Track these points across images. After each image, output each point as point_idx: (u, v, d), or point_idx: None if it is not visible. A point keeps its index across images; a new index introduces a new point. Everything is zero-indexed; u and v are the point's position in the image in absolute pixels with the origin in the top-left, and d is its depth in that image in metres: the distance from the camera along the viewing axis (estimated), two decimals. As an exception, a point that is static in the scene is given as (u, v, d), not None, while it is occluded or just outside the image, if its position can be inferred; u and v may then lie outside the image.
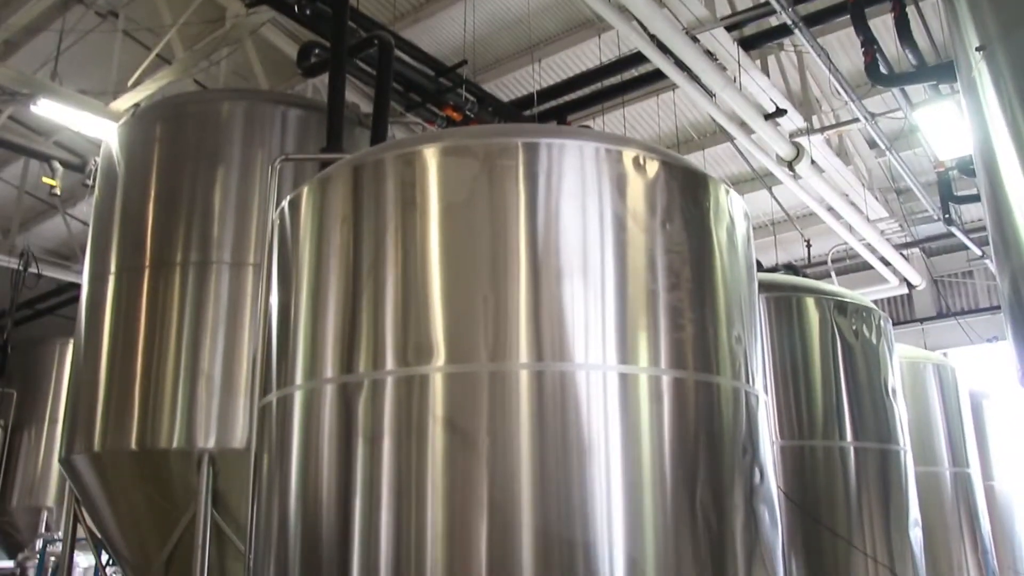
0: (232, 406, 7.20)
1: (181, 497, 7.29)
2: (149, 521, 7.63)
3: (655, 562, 3.36)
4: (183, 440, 7.17)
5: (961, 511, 8.57)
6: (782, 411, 5.71)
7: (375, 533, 3.42)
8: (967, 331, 14.71)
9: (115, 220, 8.21)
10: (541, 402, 3.39)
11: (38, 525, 16.39)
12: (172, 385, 7.30)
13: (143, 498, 7.53)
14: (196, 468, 7.11)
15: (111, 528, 8.13)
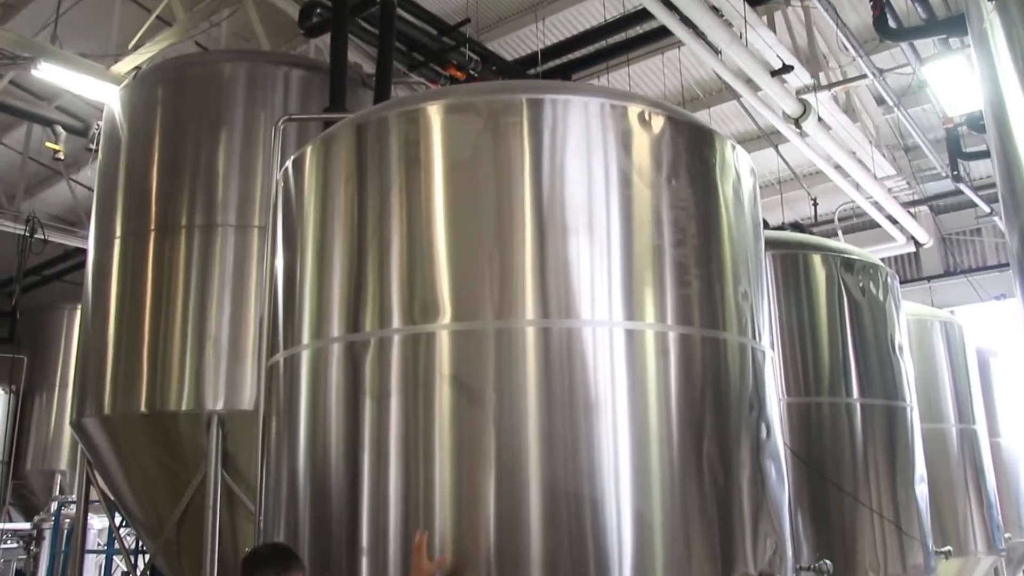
0: (240, 368, 7.23)
1: (191, 459, 7.35)
2: (160, 483, 7.70)
3: (662, 516, 3.38)
4: (192, 402, 7.22)
5: (967, 467, 8.59)
6: (788, 368, 5.71)
7: (383, 490, 3.44)
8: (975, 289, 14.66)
9: (119, 184, 8.19)
10: (548, 359, 3.39)
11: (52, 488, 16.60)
12: (180, 348, 7.33)
13: (154, 460, 7.60)
14: (205, 430, 7.16)
15: (123, 490, 8.21)
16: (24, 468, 17.14)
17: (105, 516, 10.80)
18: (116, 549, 10.79)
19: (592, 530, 3.28)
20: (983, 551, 8.27)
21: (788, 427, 5.50)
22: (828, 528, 5.50)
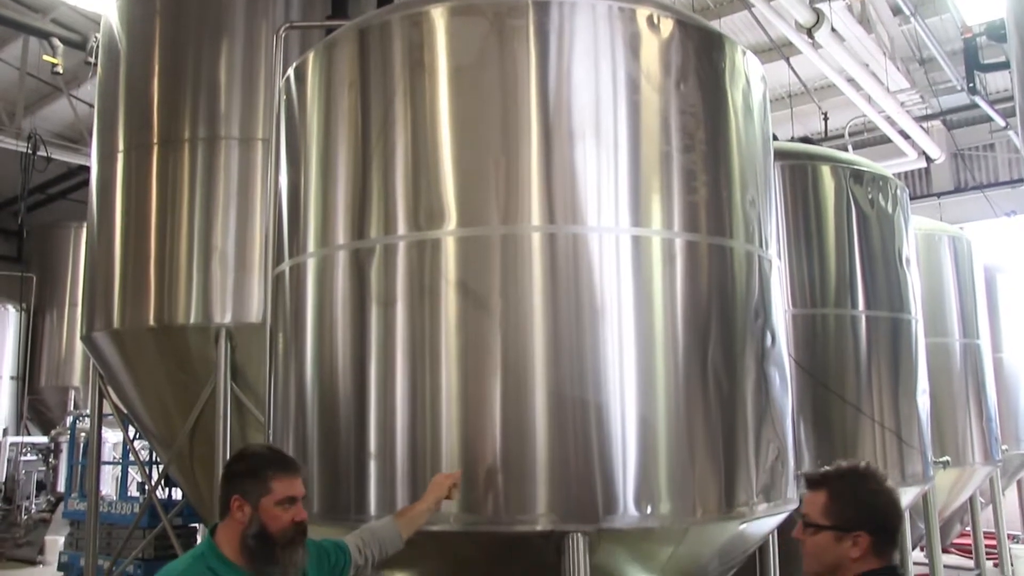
0: (247, 281, 7.26)
1: (201, 371, 7.45)
2: (171, 395, 7.82)
3: (666, 422, 3.42)
4: (200, 316, 7.27)
5: (968, 381, 8.66)
6: (795, 280, 5.69)
7: (391, 396, 3.48)
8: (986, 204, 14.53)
9: (120, 98, 8.09)
10: (554, 265, 3.38)
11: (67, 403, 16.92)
12: (186, 262, 7.36)
13: (164, 373, 7.70)
14: (214, 343, 7.23)
15: (135, 403, 8.35)
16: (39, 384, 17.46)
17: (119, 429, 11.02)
18: (131, 461, 11.03)
19: (597, 435, 3.32)
20: (980, 462, 8.40)
21: (793, 338, 5.51)
22: (830, 437, 5.57)
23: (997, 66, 10.60)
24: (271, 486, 2.50)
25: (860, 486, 2.21)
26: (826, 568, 2.20)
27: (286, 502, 2.51)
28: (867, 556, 2.16)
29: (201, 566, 2.47)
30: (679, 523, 3.42)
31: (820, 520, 2.20)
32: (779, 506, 3.96)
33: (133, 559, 9.65)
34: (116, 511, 10.55)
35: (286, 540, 2.50)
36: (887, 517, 2.20)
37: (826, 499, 2.21)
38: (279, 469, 2.55)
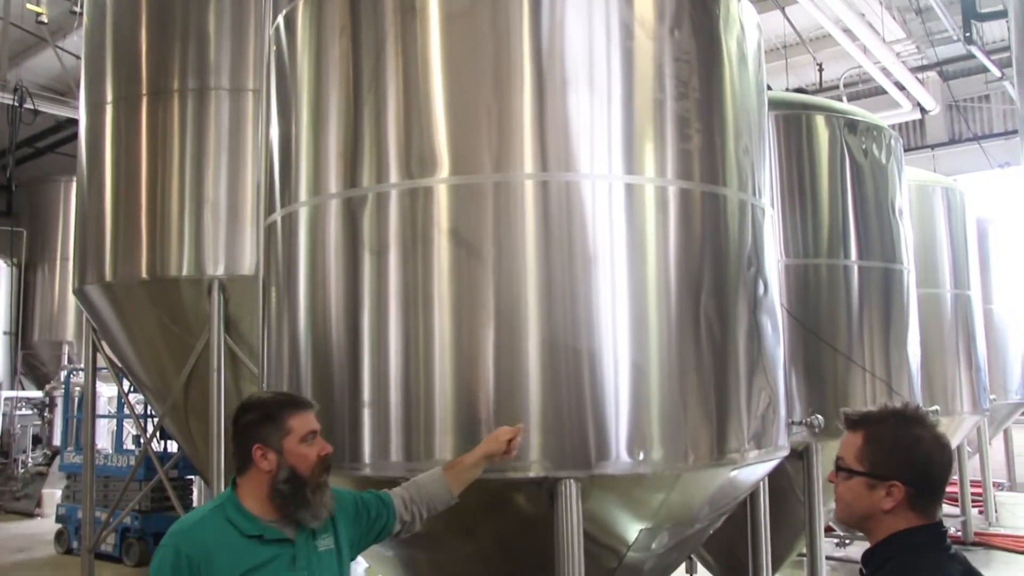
0: (239, 233, 7.24)
1: (194, 324, 7.45)
2: (165, 348, 7.84)
3: (659, 369, 3.44)
4: (192, 268, 7.26)
5: (959, 332, 8.73)
6: (788, 230, 5.69)
7: (384, 344, 3.49)
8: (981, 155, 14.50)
9: (107, 48, 7.98)
10: (547, 212, 3.37)
11: (61, 358, 16.95)
12: (178, 214, 7.33)
13: (157, 326, 7.71)
14: (207, 295, 7.23)
15: (129, 356, 8.37)
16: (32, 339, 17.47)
17: (114, 383, 11.06)
18: (126, 414, 11.09)
19: (590, 382, 3.34)
20: (968, 411, 8.51)
21: (786, 289, 5.53)
22: (821, 386, 5.62)
23: (994, 15, 10.50)
24: (289, 425, 2.46)
25: (901, 431, 1.95)
26: (857, 517, 1.99)
27: (308, 437, 2.48)
28: (902, 510, 1.92)
29: (219, 517, 2.41)
30: (671, 469, 3.46)
31: (853, 464, 1.97)
32: (770, 453, 4.00)
33: (130, 511, 9.76)
34: (112, 464, 10.64)
35: (317, 478, 2.47)
36: (928, 468, 1.93)
37: (862, 442, 1.97)
38: (292, 407, 2.51)
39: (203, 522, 2.40)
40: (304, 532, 2.48)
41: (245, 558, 2.33)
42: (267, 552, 2.39)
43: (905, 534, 1.90)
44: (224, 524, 2.38)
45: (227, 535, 2.35)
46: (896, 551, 1.89)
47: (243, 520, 2.39)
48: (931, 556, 1.88)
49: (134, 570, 9.88)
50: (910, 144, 15.61)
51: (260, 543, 2.39)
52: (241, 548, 2.35)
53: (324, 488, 2.48)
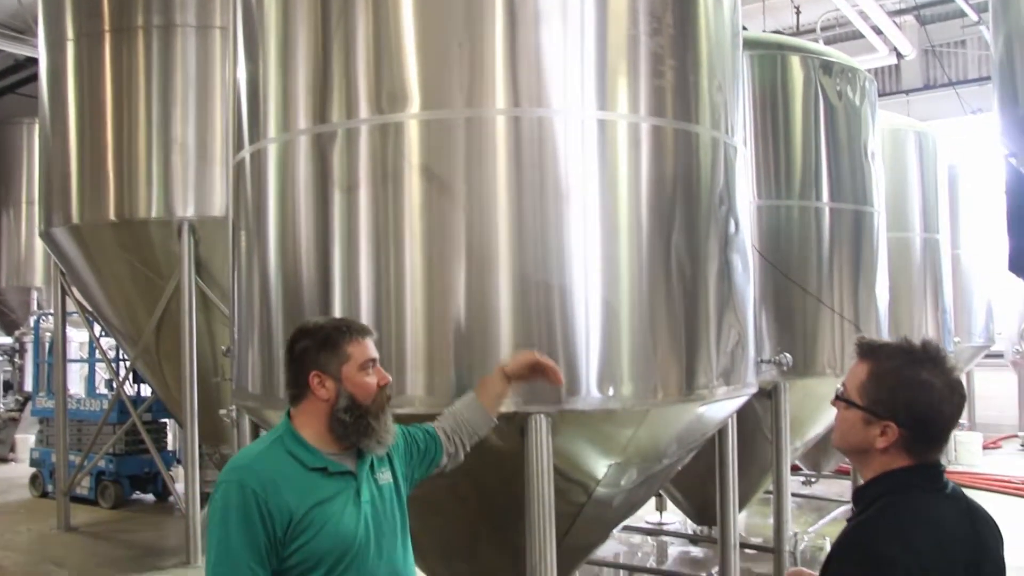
0: (208, 174, 7.15)
1: (164, 266, 7.40)
2: (135, 291, 7.78)
3: (629, 306, 3.46)
4: (162, 209, 7.18)
5: (927, 275, 8.85)
6: (761, 171, 5.70)
7: (354, 282, 3.47)
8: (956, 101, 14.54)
9: (67, -19, 7.74)
10: (518, 148, 3.34)
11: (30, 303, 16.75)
12: (145, 155, 7.21)
13: (127, 268, 7.64)
14: (177, 237, 7.16)
15: (99, 300, 8.30)
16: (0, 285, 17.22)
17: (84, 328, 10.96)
18: (98, 358, 11.03)
19: (560, 319, 3.35)
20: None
21: (758, 230, 5.56)
22: (791, 326, 5.68)
23: (972, -42, 10.44)
24: (348, 352, 2.32)
25: (907, 371, 1.82)
26: (851, 448, 1.91)
27: (368, 366, 2.35)
28: (896, 451, 1.82)
29: (279, 450, 2.27)
30: (640, 405, 3.50)
31: (853, 396, 1.88)
32: (738, 390, 4.06)
33: (104, 454, 9.76)
34: (85, 408, 10.61)
35: (378, 407, 2.35)
36: (930, 415, 1.81)
37: (866, 375, 1.87)
38: (350, 333, 2.36)
39: (264, 456, 2.26)
40: (364, 466, 2.37)
41: (311, 492, 2.21)
42: (332, 486, 2.26)
43: (897, 474, 1.83)
44: (285, 457, 2.25)
45: (290, 468, 2.23)
46: (887, 491, 1.83)
47: (305, 452, 2.27)
48: (924, 497, 1.81)
49: (110, 512, 9.92)
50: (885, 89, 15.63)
51: (324, 476, 2.26)
52: (306, 482, 2.22)
53: (386, 415, 2.37)
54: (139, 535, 8.84)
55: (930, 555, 1.68)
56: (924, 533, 1.73)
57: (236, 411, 4.94)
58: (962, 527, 1.78)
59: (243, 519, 2.10)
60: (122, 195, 7.27)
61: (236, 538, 2.09)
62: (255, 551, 2.09)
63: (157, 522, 9.47)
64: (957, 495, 1.86)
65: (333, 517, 2.21)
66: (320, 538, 2.16)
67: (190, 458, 7.56)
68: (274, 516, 2.12)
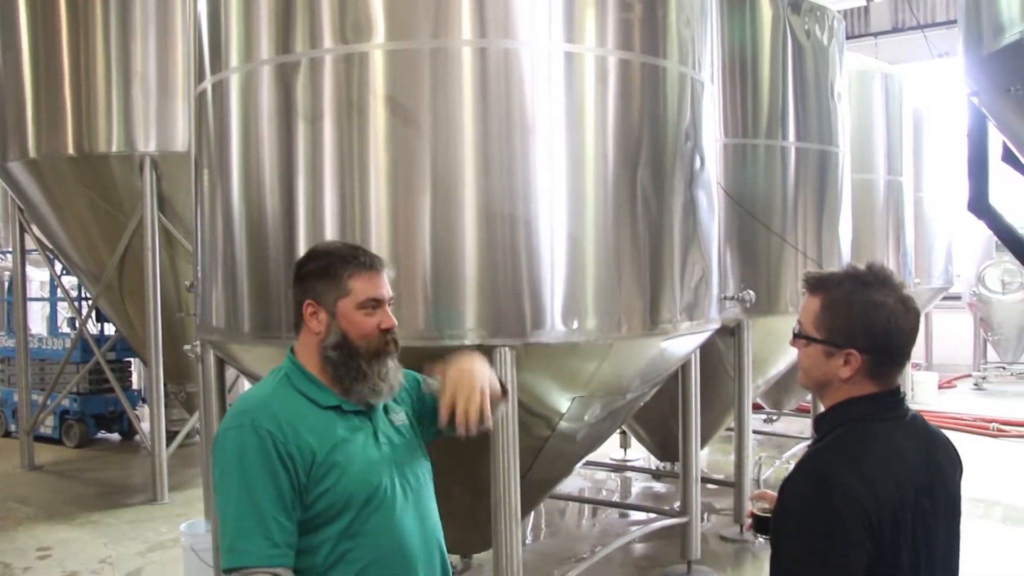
0: (170, 108, 7.00)
1: (126, 202, 7.27)
2: (96, 228, 7.65)
3: (595, 240, 3.48)
4: (122, 143, 7.03)
5: (890, 217, 8.97)
6: (728, 109, 5.69)
7: (319, 214, 3.45)
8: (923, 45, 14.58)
9: (17, -96, 7.44)
10: (484, 80, 3.31)
11: (-14, 242, 16.38)
12: (104, 87, 7.03)
13: (87, 204, 7.50)
14: (138, 172, 7.03)
15: (60, 237, 8.15)
16: (-45, 222, 16.83)
17: (45, 268, 10.78)
18: (59, 297, 10.88)
19: (526, 252, 3.36)
20: (894, 292, 8.80)
21: (724, 168, 5.57)
22: (754, 265, 5.74)
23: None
24: (349, 286, 2.06)
25: (858, 295, 1.81)
26: (815, 384, 1.89)
27: (369, 305, 2.06)
28: (860, 378, 1.81)
29: (288, 388, 2.06)
30: (604, 338, 3.54)
31: (810, 331, 1.85)
32: (701, 325, 4.12)
33: (67, 393, 9.69)
34: (47, 347, 10.49)
35: (372, 351, 2.06)
36: (888, 335, 1.80)
37: (819, 307, 1.85)
38: (358, 266, 2.08)
39: (274, 396, 2.04)
40: (378, 407, 2.14)
41: (330, 431, 2.01)
42: (348, 425, 2.06)
43: (856, 401, 1.82)
44: (296, 396, 2.04)
45: (304, 407, 2.03)
46: (846, 418, 1.82)
47: (316, 390, 2.06)
48: (882, 425, 1.81)
49: (75, 451, 9.89)
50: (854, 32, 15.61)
51: (339, 415, 2.06)
52: (323, 421, 2.02)
53: (385, 360, 2.09)
54: (105, 473, 8.83)
55: (883, 483, 1.70)
56: (878, 460, 1.75)
57: (200, 346, 4.93)
58: (918, 454, 1.80)
59: (264, 464, 1.89)
60: (81, 128, 7.10)
61: (258, 486, 1.88)
62: (279, 499, 1.89)
63: (122, 461, 9.46)
64: (917, 422, 1.88)
65: (357, 457, 2.01)
66: (346, 480, 1.97)
67: (155, 396, 7.54)
68: (295, 459, 1.92)
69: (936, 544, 1.78)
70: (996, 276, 14.16)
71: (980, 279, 14.26)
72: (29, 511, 7.36)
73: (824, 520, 1.69)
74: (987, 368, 14.87)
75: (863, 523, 1.66)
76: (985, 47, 4.00)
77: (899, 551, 1.69)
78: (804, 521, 1.73)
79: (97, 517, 7.12)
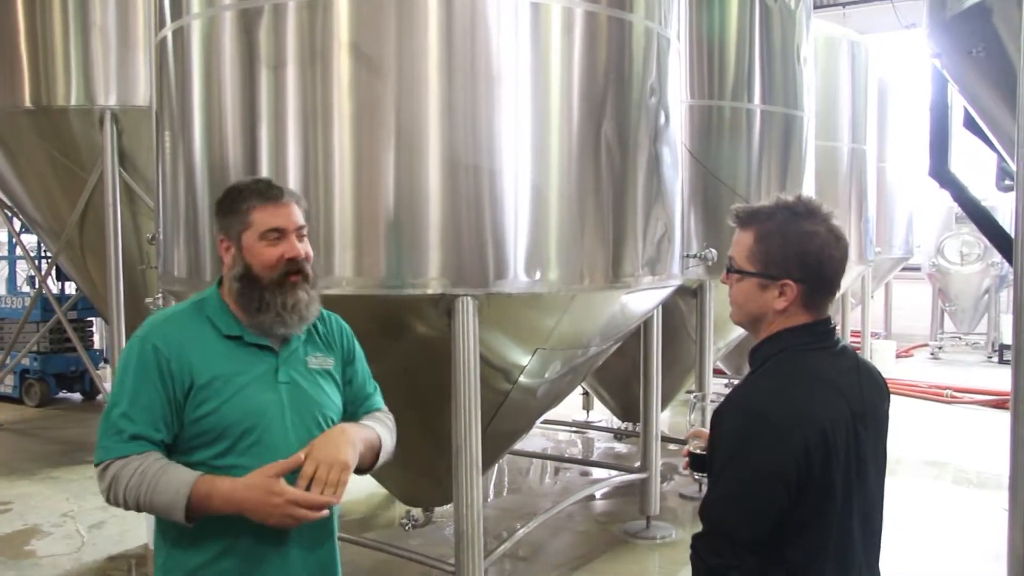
0: (131, 61, 6.87)
1: (87, 157, 7.15)
2: (56, 183, 7.52)
3: (558, 191, 3.49)
4: (82, 97, 6.90)
5: (852, 185, 9.08)
6: (694, 71, 5.71)
7: (282, 163, 3.43)
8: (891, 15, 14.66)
9: None
10: (450, 28, 3.29)
11: (-57, 200, 16.04)
12: (62, 38, 6.88)
13: (46, 159, 7.37)
14: (99, 127, 6.91)
15: (18, 192, 8.00)
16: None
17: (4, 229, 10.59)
18: (18, 255, 10.70)
19: (490, 202, 3.37)
20: (854, 260, 8.93)
21: (689, 129, 5.60)
22: (718, 227, 5.78)
23: None
24: (250, 218, 2.09)
25: (790, 226, 1.81)
26: (750, 319, 1.89)
27: (270, 234, 2.09)
28: (795, 309, 1.82)
29: (198, 313, 2.12)
30: (567, 290, 3.57)
31: (744, 265, 1.85)
32: (663, 280, 4.16)
33: (27, 352, 9.57)
34: (6, 306, 10.34)
35: (274, 280, 2.09)
36: (821, 264, 1.81)
37: (752, 240, 1.84)
38: (259, 198, 2.11)
39: (178, 316, 2.12)
40: (291, 346, 2.16)
41: (220, 360, 2.06)
42: (246, 357, 2.10)
43: (789, 332, 1.83)
44: (201, 320, 2.10)
45: (203, 332, 2.09)
46: (778, 350, 1.83)
47: (222, 317, 2.11)
48: (814, 353, 1.83)
49: (36, 410, 9.79)
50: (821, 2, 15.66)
51: (239, 345, 2.10)
52: (217, 348, 2.07)
53: (290, 289, 2.10)
54: (67, 431, 8.76)
55: (814, 411, 1.72)
56: (810, 389, 1.77)
57: (162, 298, 4.89)
58: (848, 383, 1.82)
59: (143, 375, 1.99)
60: (38, 82, 6.94)
61: (134, 392, 1.98)
62: (149, 407, 1.97)
63: (85, 419, 9.38)
64: (847, 352, 1.90)
65: (242, 391, 2.04)
66: (224, 411, 2.02)
67: (117, 354, 7.46)
68: (175, 377, 2.00)
69: (867, 469, 1.82)
70: (955, 248, 14.42)
71: (939, 250, 14.52)
72: (-11, 468, 7.30)
73: (750, 450, 1.73)
74: (943, 338, 15.19)
75: (789, 455, 1.69)
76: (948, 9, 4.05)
77: (832, 477, 1.73)
78: (730, 449, 1.76)
79: (58, 473, 7.07)
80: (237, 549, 2.03)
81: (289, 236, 2.12)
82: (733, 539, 1.73)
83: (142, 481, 1.92)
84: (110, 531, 5.64)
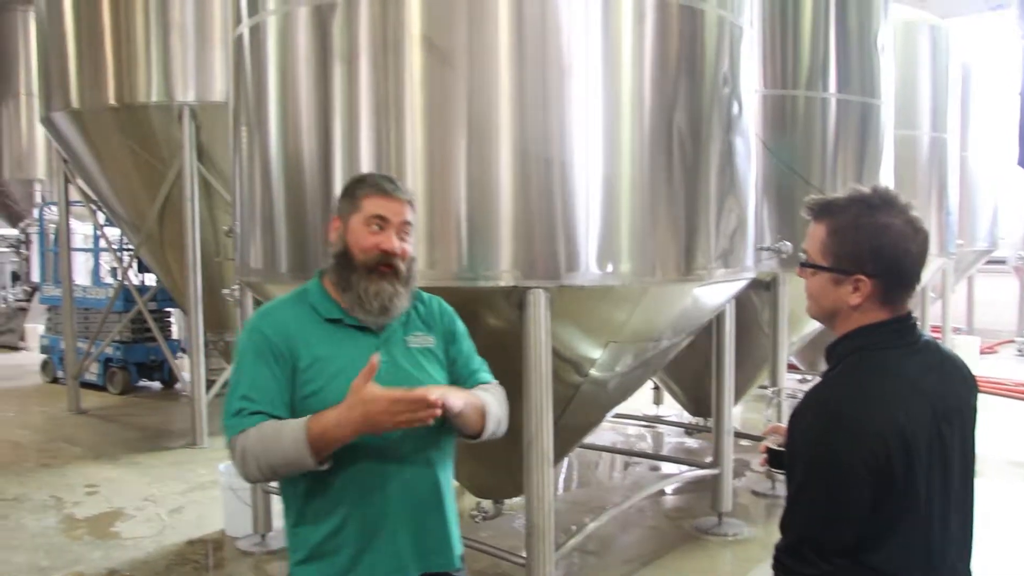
0: (209, 57, 7.05)
1: (166, 152, 7.36)
2: (137, 177, 7.77)
3: (630, 182, 3.46)
4: (162, 94, 7.11)
5: (933, 174, 8.77)
6: (767, 60, 5.58)
7: (355, 155, 3.47)
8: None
9: None
10: (521, 20, 3.29)
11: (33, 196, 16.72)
12: (144, 38, 7.10)
13: (128, 154, 7.61)
14: (178, 122, 7.11)
15: (102, 187, 8.29)
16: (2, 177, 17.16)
17: (88, 221, 10.98)
18: (102, 247, 11.09)
19: (561, 194, 3.36)
20: (935, 253, 8.64)
21: (763, 120, 5.49)
22: (792, 220, 5.66)
23: None
24: (361, 203, 2.21)
25: (865, 219, 1.75)
26: (825, 312, 1.85)
27: (374, 221, 2.18)
28: (871, 304, 1.77)
29: (300, 300, 2.25)
30: (638, 283, 3.54)
31: (817, 259, 1.81)
32: (736, 273, 4.10)
33: (110, 341, 9.91)
34: (91, 296, 10.72)
35: (368, 266, 2.17)
36: (897, 258, 1.74)
37: (825, 234, 1.79)
38: (373, 188, 2.23)
39: (283, 304, 2.27)
40: (391, 327, 2.24)
41: (322, 342, 2.17)
42: (347, 339, 2.19)
43: (868, 329, 1.77)
44: (304, 307, 2.23)
45: (305, 317, 2.21)
46: (857, 347, 1.78)
47: (323, 303, 2.22)
48: (894, 352, 1.77)
49: (118, 398, 10.14)
50: (901, -14, 15.16)
51: (340, 328, 2.21)
52: (318, 331, 2.18)
53: (379, 281, 2.17)
54: (147, 418, 9.05)
55: (894, 413, 1.67)
56: (889, 390, 1.71)
57: (239, 289, 5.01)
58: (931, 381, 1.76)
59: (257, 357, 2.12)
60: (121, 79, 7.18)
61: (252, 373, 2.10)
62: (267, 388, 2.09)
63: (164, 407, 9.69)
64: (930, 348, 1.83)
65: (343, 371, 2.11)
66: (327, 390, 2.11)
67: (195, 344, 7.68)
68: (284, 358, 2.13)
69: (952, 470, 1.76)
70: (1043, 240, 13.85)
71: (1026, 242, 13.96)
72: (77, 451, 7.59)
73: (830, 453, 1.68)
74: (1030, 333, 14.62)
75: (870, 457, 1.64)
76: (1038, -10, 3.89)
77: (915, 479, 1.67)
78: (810, 453, 1.72)
79: (140, 459, 7.32)
80: (351, 522, 2.13)
81: (391, 229, 2.21)
82: (821, 546, 1.69)
83: (265, 445, 2.01)
84: (189, 516, 5.82)
